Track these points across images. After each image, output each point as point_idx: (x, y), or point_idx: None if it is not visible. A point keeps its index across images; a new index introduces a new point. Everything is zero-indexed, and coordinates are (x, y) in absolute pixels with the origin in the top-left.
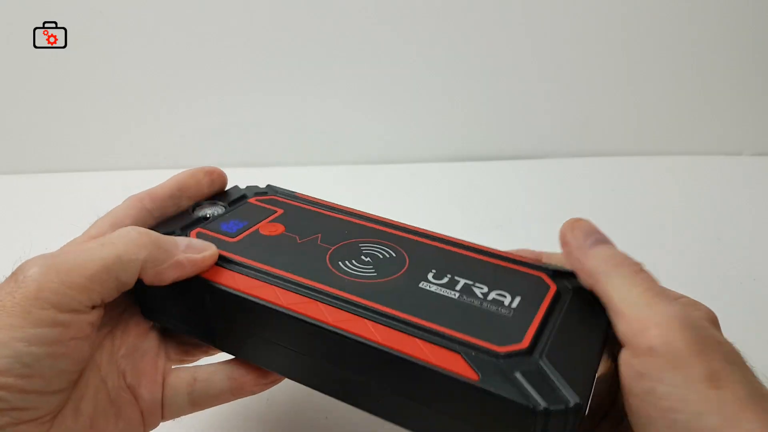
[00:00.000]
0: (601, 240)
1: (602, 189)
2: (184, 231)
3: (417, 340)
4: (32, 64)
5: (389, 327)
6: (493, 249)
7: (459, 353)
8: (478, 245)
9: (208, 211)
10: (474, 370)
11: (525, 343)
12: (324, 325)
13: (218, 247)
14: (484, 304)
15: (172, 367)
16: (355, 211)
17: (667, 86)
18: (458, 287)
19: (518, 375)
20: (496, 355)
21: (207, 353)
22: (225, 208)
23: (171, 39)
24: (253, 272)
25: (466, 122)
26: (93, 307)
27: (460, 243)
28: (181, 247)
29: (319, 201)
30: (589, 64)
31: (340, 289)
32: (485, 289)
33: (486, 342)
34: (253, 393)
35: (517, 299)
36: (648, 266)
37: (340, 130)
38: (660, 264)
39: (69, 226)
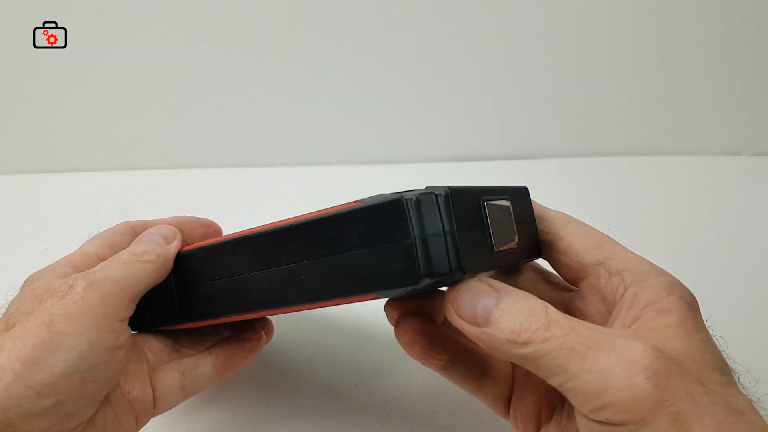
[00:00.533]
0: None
1: (602, 189)
2: None
3: (324, 210)
4: (32, 64)
5: (302, 215)
6: None
7: (356, 202)
8: None
9: None
10: (360, 201)
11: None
12: (250, 234)
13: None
14: None
15: (154, 367)
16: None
17: (667, 86)
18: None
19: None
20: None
21: (179, 351)
22: None
23: (171, 39)
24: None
25: (466, 122)
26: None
27: None
28: (162, 242)
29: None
30: (589, 64)
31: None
32: None
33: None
34: (241, 367)
35: None
36: None
37: (341, 130)
38: (659, 264)
39: (69, 226)
